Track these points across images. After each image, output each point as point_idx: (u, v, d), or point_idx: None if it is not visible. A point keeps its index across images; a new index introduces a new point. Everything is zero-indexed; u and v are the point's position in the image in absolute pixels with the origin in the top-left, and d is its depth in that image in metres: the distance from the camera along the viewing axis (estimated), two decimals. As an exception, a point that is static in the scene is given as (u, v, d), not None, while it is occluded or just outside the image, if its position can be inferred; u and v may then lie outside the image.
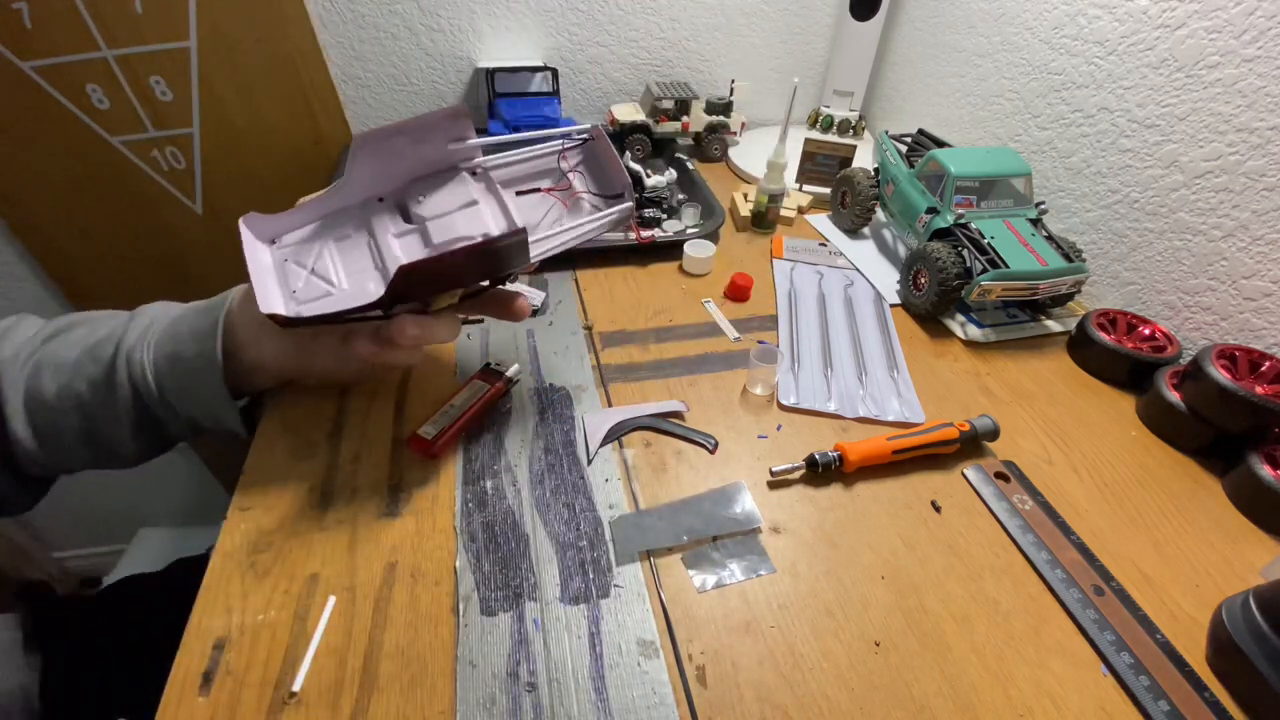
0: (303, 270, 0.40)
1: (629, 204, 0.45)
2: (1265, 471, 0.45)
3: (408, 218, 0.43)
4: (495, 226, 0.43)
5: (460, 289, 0.40)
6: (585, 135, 0.47)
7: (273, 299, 0.38)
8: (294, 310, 0.39)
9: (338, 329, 0.41)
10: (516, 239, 0.36)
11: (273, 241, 0.40)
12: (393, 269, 0.41)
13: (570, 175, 0.46)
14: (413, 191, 0.43)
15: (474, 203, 0.43)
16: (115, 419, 0.40)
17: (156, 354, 0.40)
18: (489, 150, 0.46)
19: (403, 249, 0.42)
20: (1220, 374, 0.47)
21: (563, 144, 0.46)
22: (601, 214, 0.44)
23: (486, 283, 0.41)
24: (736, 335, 0.60)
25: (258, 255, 0.39)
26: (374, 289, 0.41)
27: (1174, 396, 0.51)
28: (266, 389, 0.48)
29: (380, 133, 0.39)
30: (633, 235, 0.68)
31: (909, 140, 0.75)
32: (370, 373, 0.49)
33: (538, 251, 0.41)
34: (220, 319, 0.41)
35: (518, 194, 0.45)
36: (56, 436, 0.40)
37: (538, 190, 0.45)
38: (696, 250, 0.66)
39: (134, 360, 0.40)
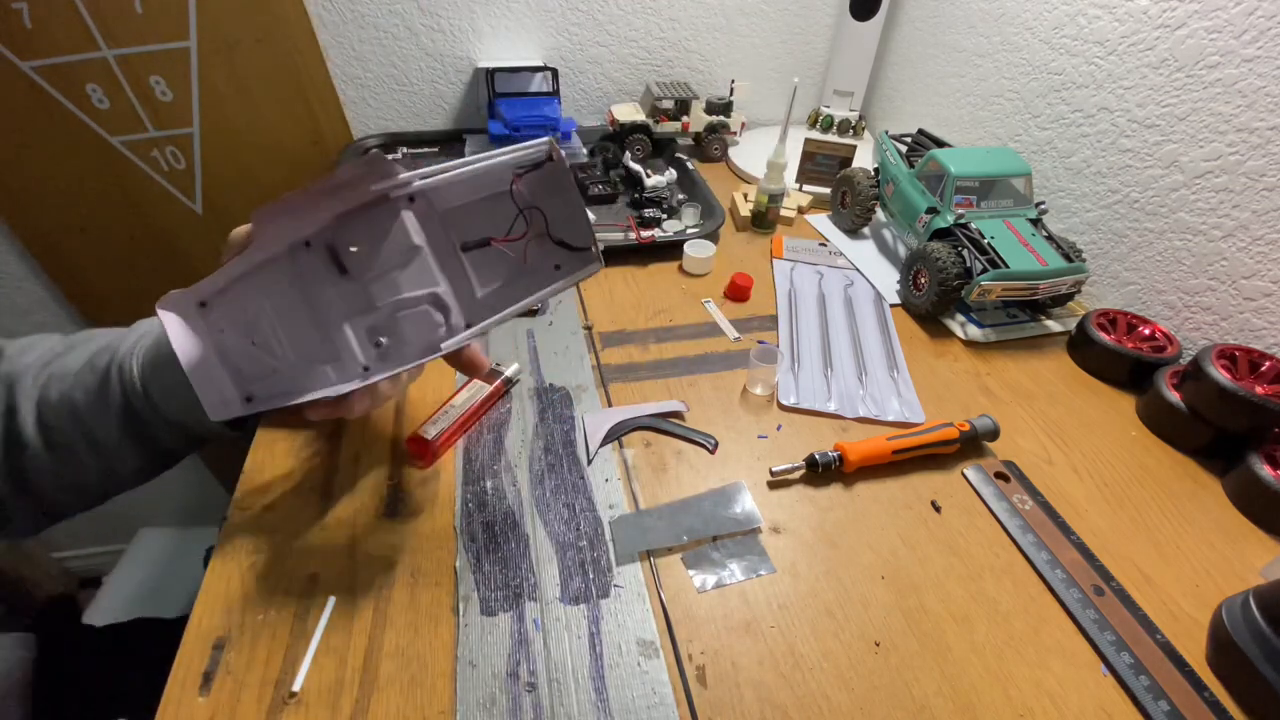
0: (243, 344, 0.36)
1: (596, 265, 0.39)
2: (1265, 471, 0.45)
3: (341, 265, 0.37)
4: (444, 283, 0.38)
5: None
6: (539, 157, 0.37)
7: (217, 402, 0.35)
8: (245, 391, 0.36)
9: None
10: (472, 340, 0.37)
11: (203, 304, 0.35)
12: (335, 337, 0.37)
13: (526, 213, 0.39)
14: (342, 235, 0.36)
15: (417, 250, 0.37)
16: (108, 426, 0.41)
17: (144, 360, 0.41)
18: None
19: (344, 305, 0.37)
20: (1220, 374, 0.47)
21: (514, 168, 0.38)
22: (562, 278, 0.39)
23: None
24: (736, 335, 0.59)
25: (190, 348, 0.34)
26: (321, 360, 0.37)
27: (1174, 396, 0.51)
28: None
29: (279, 205, 0.34)
30: (633, 235, 0.69)
31: (909, 140, 0.75)
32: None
33: (484, 324, 0.38)
34: None
35: (463, 248, 0.38)
36: (65, 445, 0.41)
37: (488, 243, 0.39)
38: (696, 250, 0.66)
39: (124, 367, 0.41)
